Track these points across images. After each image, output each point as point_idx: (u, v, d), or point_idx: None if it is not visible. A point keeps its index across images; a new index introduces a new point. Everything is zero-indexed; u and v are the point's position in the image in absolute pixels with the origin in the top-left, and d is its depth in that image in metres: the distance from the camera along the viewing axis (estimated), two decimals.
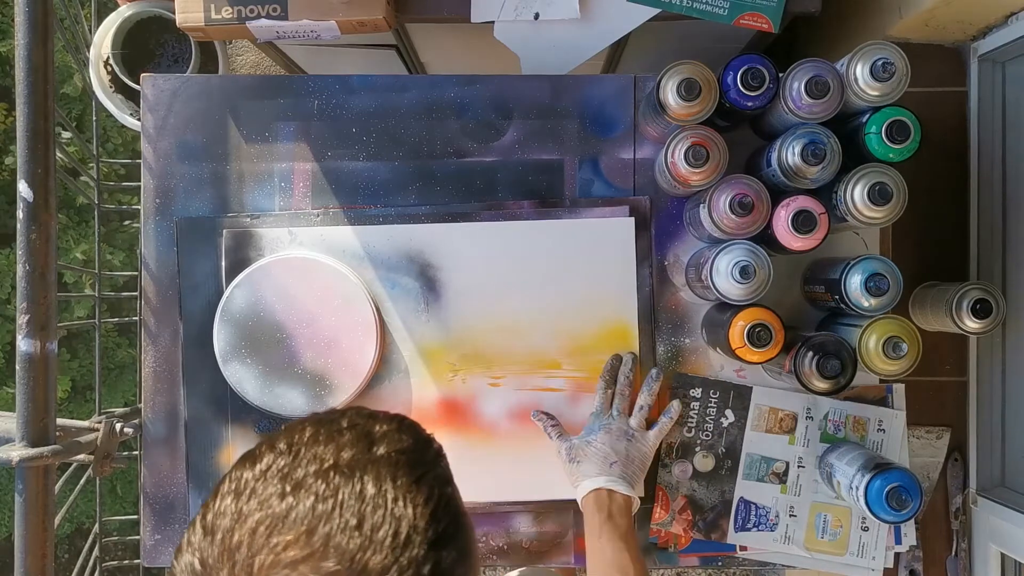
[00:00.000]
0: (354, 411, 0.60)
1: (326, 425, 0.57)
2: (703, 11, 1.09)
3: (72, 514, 2.14)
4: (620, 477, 0.98)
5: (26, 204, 0.83)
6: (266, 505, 0.50)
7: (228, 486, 0.53)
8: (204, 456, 1.09)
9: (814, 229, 0.92)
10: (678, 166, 0.95)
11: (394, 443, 0.56)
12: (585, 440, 1.02)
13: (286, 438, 0.56)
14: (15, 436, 0.84)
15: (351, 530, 0.49)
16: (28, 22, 0.82)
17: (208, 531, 0.50)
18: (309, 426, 0.57)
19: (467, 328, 1.08)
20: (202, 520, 0.51)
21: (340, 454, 0.54)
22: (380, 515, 0.50)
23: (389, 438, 0.56)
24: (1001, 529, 1.17)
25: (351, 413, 0.59)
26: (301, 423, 0.58)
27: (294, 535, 0.49)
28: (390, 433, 0.57)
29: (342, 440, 0.55)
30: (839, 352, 0.95)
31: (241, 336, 1.05)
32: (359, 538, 0.49)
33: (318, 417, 0.59)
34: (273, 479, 0.52)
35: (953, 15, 1.15)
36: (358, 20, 1.07)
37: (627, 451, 1.00)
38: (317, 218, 1.09)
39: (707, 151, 0.93)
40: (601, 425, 1.02)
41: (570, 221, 1.09)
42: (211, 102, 1.10)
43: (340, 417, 0.58)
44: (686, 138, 0.94)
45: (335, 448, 0.54)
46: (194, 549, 0.50)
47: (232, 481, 0.53)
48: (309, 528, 0.49)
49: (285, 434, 0.56)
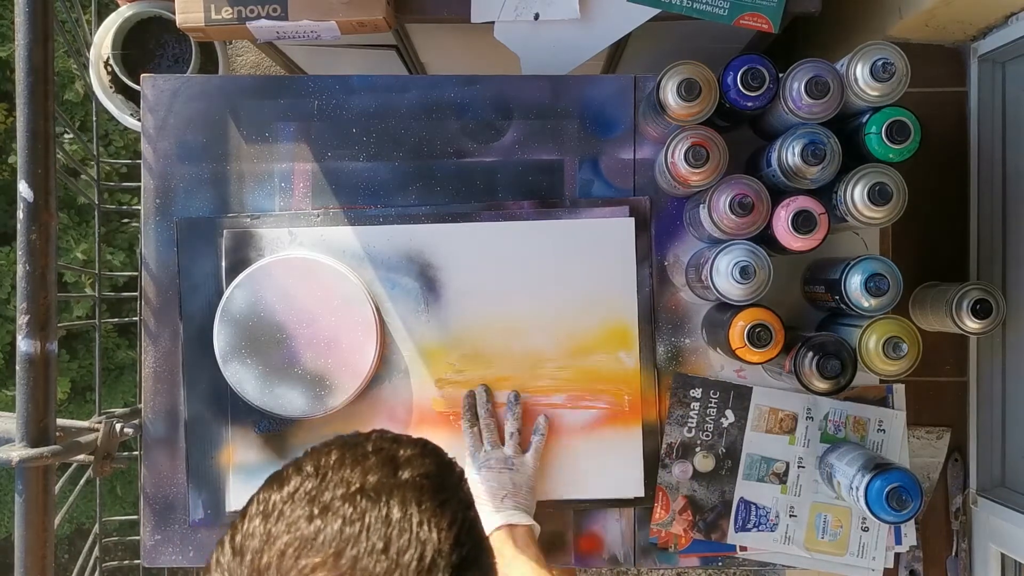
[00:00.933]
0: (378, 435, 0.60)
1: (351, 449, 0.58)
2: (703, 11, 1.09)
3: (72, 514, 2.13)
4: (515, 508, 0.99)
5: (26, 204, 0.83)
6: (294, 528, 0.51)
7: (256, 508, 0.53)
8: (204, 456, 1.09)
9: (814, 229, 0.92)
10: (678, 166, 0.95)
11: (418, 467, 0.56)
12: (474, 479, 1.02)
13: (312, 461, 0.56)
14: (15, 436, 0.84)
15: (378, 553, 0.50)
16: (28, 22, 0.82)
17: (237, 552, 0.51)
18: (335, 449, 0.58)
19: (467, 328, 1.08)
20: (231, 541, 0.52)
21: (366, 478, 0.54)
22: (406, 539, 0.51)
23: (413, 463, 0.57)
24: (1001, 529, 1.17)
25: (375, 437, 0.60)
26: (327, 446, 0.59)
27: (322, 557, 0.49)
28: (414, 458, 0.57)
29: (368, 464, 0.55)
30: (839, 352, 0.95)
31: (241, 336, 1.05)
32: (385, 561, 0.50)
33: (343, 440, 0.59)
34: (301, 502, 0.53)
35: (953, 15, 1.15)
36: (358, 20, 1.07)
37: (512, 481, 1.01)
38: (317, 218, 1.09)
39: (707, 151, 0.93)
40: (480, 464, 1.03)
41: (570, 221, 1.09)
42: (211, 102, 1.10)
43: (365, 441, 0.59)
44: (686, 138, 0.94)
45: (361, 472, 0.55)
46: (223, 570, 0.50)
47: (260, 503, 0.53)
48: (337, 551, 0.50)
49: (311, 457, 0.57)
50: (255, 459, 1.08)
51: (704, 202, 0.96)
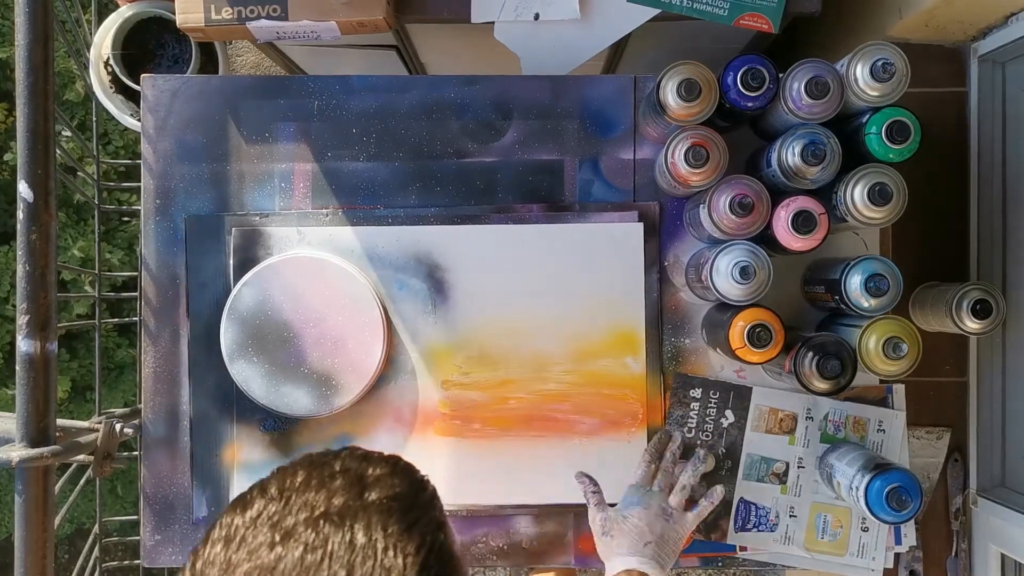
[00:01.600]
0: (347, 453, 0.59)
1: (318, 469, 0.56)
2: (703, 11, 1.09)
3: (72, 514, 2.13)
4: (652, 558, 0.93)
5: (26, 204, 0.83)
6: (255, 555, 0.50)
7: (219, 532, 0.53)
8: (209, 454, 1.09)
9: (814, 229, 0.92)
10: (678, 166, 0.95)
11: (387, 488, 0.55)
12: (622, 514, 0.97)
13: (277, 483, 0.55)
14: (15, 436, 0.84)
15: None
16: (28, 22, 0.82)
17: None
18: (301, 470, 0.56)
19: (474, 330, 1.08)
20: (191, 568, 0.51)
21: (331, 501, 0.53)
22: (370, 566, 0.50)
23: (382, 483, 0.56)
24: (1001, 529, 1.17)
25: (344, 455, 0.59)
26: (294, 467, 0.57)
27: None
28: (383, 477, 0.56)
29: (334, 485, 0.54)
30: (839, 352, 0.95)
31: (248, 334, 1.05)
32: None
33: (311, 459, 0.58)
34: (263, 527, 0.52)
35: (953, 15, 1.15)
36: (358, 21, 1.07)
37: (663, 532, 0.95)
38: (326, 218, 1.09)
39: (707, 151, 0.93)
40: (640, 500, 0.98)
41: (579, 225, 1.09)
42: (211, 103, 1.10)
43: (333, 460, 0.57)
44: (686, 138, 0.94)
45: (326, 494, 0.54)
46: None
47: (223, 527, 0.53)
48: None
49: (277, 478, 0.56)
50: (260, 457, 1.08)
51: (704, 202, 0.96)
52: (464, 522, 1.09)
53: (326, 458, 0.58)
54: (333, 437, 1.08)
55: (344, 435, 1.08)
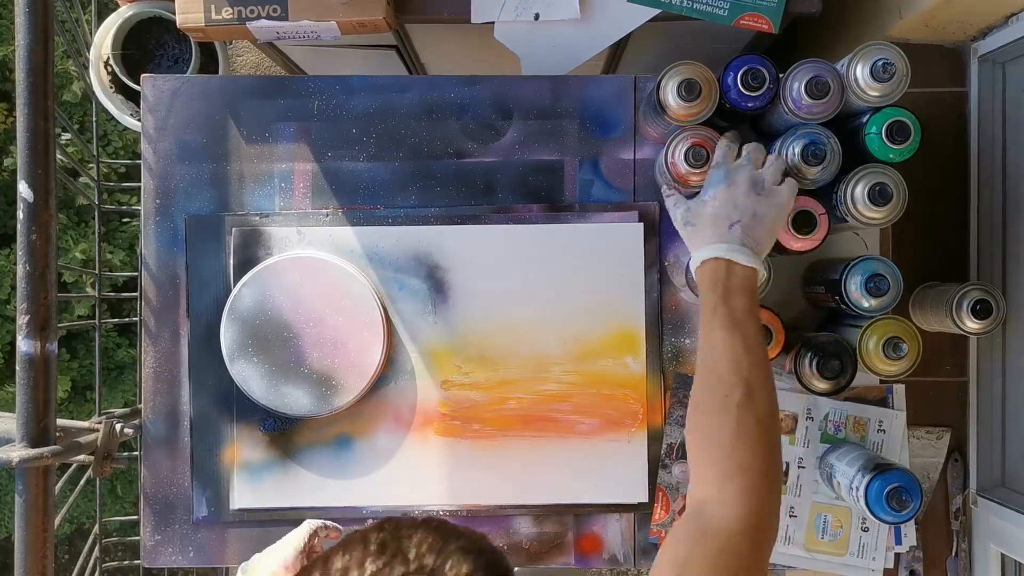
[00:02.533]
0: (424, 535, 0.52)
1: (391, 562, 0.50)
2: (703, 11, 1.09)
3: (72, 514, 2.13)
4: (741, 243, 0.81)
5: (26, 205, 0.83)
6: None
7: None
8: (209, 453, 1.09)
9: (814, 230, 0.92)
10: (678, 166, 0.95)
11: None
12: (701, 199, 0.85)
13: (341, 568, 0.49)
14: (15, 436, 0.84)
15: None
16: (28, 23, 0.82)
17: None
18: (371, 559, 0.50)
19: (474, 331, 1.08)
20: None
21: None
22: None
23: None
24: (1001, 529, 1.17)
25: (421, 537, 0.52)
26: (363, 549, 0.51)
27: None
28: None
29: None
30: (839, 353, 0.95)
31: (248, 334, 1.05)
32: None
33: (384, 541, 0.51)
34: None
35: (953, 15, 1.15)
36: (358, 21, 1.07)
37: (755, 208, 0.82)
38: (326, 218, 1.09)
39: (707, 151, 0.93)
40: (724, 176, 0.85)
41: (579, 225, 1.09)
42: (211, 103, 1.10)
43: (407, 544, 0.51)
44: (686, 138, 0.94)
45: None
46: None
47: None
48: None
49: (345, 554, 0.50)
50: (260, 457, 1.08)
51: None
52: (464, 522, 1.09)
53: (400, 539, 0.51)
54: (333, 437, 1.08)
55: (344, 435, 1.08)
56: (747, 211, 0.82)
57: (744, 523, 0.69)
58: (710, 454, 0.74)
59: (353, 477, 1.08)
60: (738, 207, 0.83)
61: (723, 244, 0.81)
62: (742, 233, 0.81)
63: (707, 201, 0.85)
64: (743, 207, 0.83)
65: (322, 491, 1.08)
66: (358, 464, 1.08)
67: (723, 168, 0.87)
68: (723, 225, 0.82)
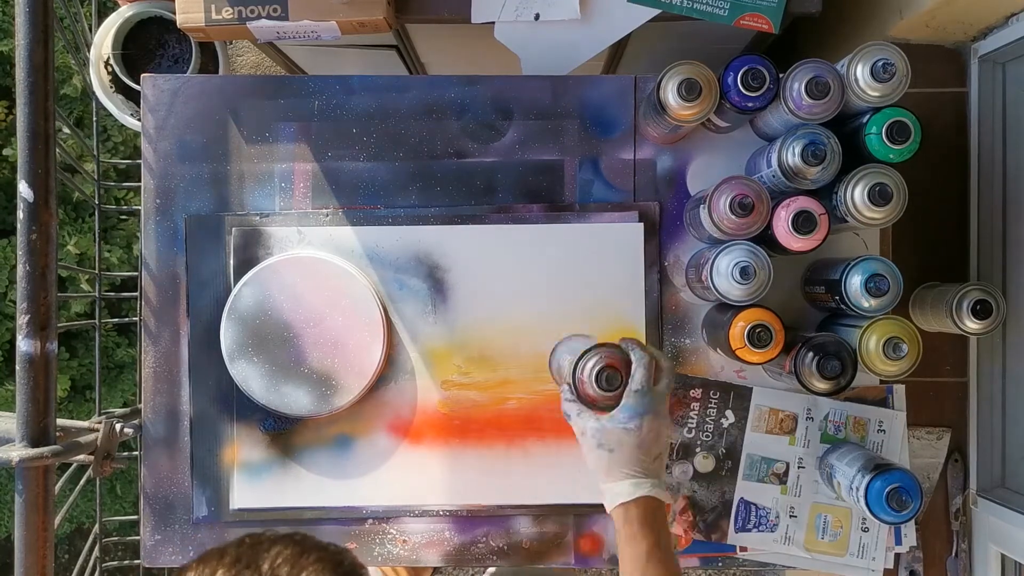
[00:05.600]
0: (282, 548, 0.52)
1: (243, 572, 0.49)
2: (703, 12, 1.08)
3: (72, 514, 2.13)
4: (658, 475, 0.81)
5: (27, 204, 0.83)
6: None
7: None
8: (209, 453, 1.09)
9: (814, 230, 0.92)
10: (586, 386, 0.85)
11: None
12: (624, 426, 0.80)
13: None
14: (15, 436, 0.84)
15: None
16: (29, 22, 0.82)
17: None
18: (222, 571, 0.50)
19: (474, 331, 1.08)
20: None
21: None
22: None
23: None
24: (1001, 530, 1.17)
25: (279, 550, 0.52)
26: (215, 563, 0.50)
27: None
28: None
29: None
30: (839, 353, 0.95)
31: (248, 334, 1.05)
32: None
33: (237, 555, 0.51)
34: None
35: (953, 16, 1.15)
36: (358, 21, 1.07)
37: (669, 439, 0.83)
38: (326, 218, 1.09)
39: (621, 376, 0.83)
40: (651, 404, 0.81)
41: (579, 225, 1.09)
42: (211, 102, 1.10)
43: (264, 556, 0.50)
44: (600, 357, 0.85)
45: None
46: None
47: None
48: None
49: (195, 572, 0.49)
50: (260, 457, 1.08)
51: (704, 203, 0.96)
52: (464, 522, 1.09)
53: (257, 553, 0.51)
54: (332, 437, 1.08)
55: (343, 435, 1.08)
56: (664, 444, 0.82)
57: None
58: None
59: (353, 477, 1.08)
60: (660, 440, 0.81)
61: (649, 480, 0.79)
62: (661, 466, 0.81)
63: (631, 430, 0.80)
64: (664, 439, 0.82)
65: (322, 491, 1.08)
66: (358, 464, 1.08)
67: (649, 396, 0.81)
68: (649, 458, 0.80)
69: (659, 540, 0.78)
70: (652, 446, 0.80)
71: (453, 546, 1.09)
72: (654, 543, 0.77)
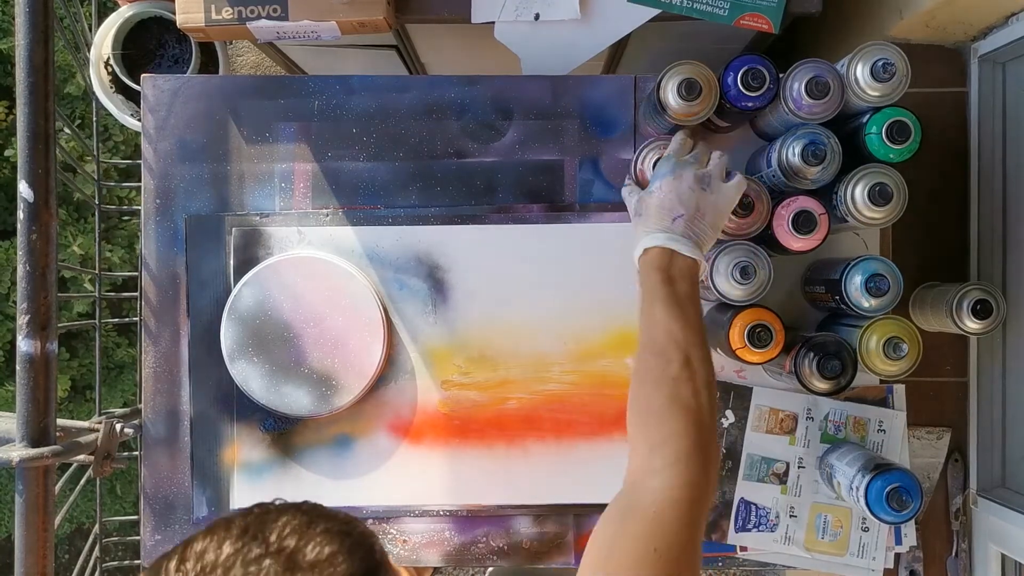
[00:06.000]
0: (291, 517, 0.51)
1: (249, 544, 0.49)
2: (703, 12, 1.08)
3: (72, 514, 2.13)
4: (683, 235, 0.83)
5: (27, 204, 0.83)
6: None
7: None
8: (209, 453, 1.09)
9: (814, 230, 0.92)
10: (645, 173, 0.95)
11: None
12: (648, 190, 0.87)
13: (198, 554, 0.48)
14: (15, 436, 0.84)
15: None
16: (29, 22, 0.82)
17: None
18: (231, 541, 0.49)
19: (474, 331, 1.08)
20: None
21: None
22: None
23: (318, 571, 0.48)
24: (1001, 530, 1.17)
25: (287, 519, 0.51)
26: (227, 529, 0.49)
27: None
28: (321, 564, 0.48)
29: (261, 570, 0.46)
30: (839, 352, 0.95)
31: (248, 334, 1.05)
32: None
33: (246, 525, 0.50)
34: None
35: (953, 16, 1.15)
36: (358, 21, 1.07)
37: (698, 203, 0.84)
38: (326, 218, 1.09)
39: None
40: (670, 170, 0.87)
41: (579, 225, 1.08)
42: (211, 103, 1.10)
43: (272, 527, 0.50)
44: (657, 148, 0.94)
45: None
46: None
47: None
48: None
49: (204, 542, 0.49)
50: (260, 457, 1.08)
51: None
52: (464, 522, 1.09)
53: (265, 523, 0.50)
54: (333, 437, 1.08)
55: (343, 435, 1.08)
56: (691, 205, 0.84)
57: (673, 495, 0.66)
58: (644, 426, 0.73)
59: (353, 477, 1.08)
60: (682, 201, 0.84)
61: (665, 234, 0.83)
62: (684, 226, 0.83)
63: (653, 192, 0.86)
64: (687, 201, 0.84)
65: (322, 491, 1.08)
66: (358, 464, 1.08)
67: (672, 161, 0.89)
68: (667, 216, 0.84)
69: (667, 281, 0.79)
70: (672, 206, 0.84)
71: (453, 546, 1.09)
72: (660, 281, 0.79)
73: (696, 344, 0.76)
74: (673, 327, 0.76)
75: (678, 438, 0.70)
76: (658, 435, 0.71)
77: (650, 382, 0.75)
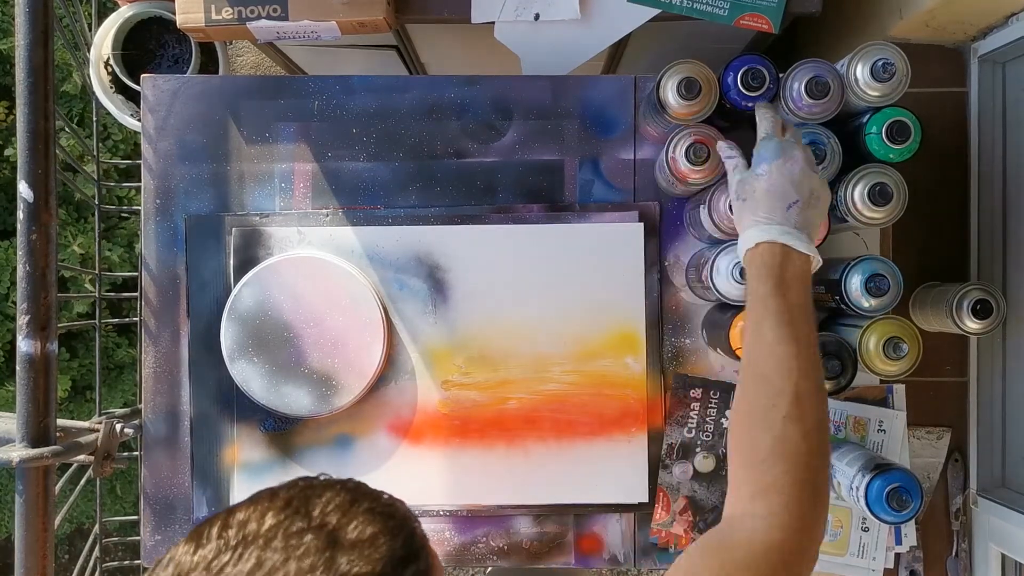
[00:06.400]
0: (334, 495, 0.50)
1: (291, 517, 0.48)
2: (703, 12, 1.08)
3: (72, 514, 2.13)
4: (798, 227, 0.73)
5: (27, 205, 0.83)
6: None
7: (165, 569, 0.46)
8: (209, 453, 1.09)
9: None
10: (678, 162, 0.94)
11: (363, 562, 0.46)
12: (755, 172, 0.76)
13: (240, 522, 0.47)
14: (15, 437, 0.84)
15: None
16: (29, 22, 0.82)
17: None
18: (272, 514, 0.48)
19: (474, 331, 1.08)
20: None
21: (290, 566, 0.45)
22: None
23: (359, 551, 0.47)
24: (1001, 529, 1.17)
25: (330, 497, 0.50)
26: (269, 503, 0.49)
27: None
28: (362, 544, 0.47)
29: (299, 547, 0.46)
30: (839, 352, 0.95)
31: (248, 334, 1.05)
32: None
33: (290, 498, 0.49)
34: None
35: (953, 16, 1.15)
36: (358, 21, 1.07)
37: (812, 188, 0.74)
38: (326, 218, 1.09)
39: (708, 149, 0.93)
40: (779, 149, 0.76)
41: (579, 225, 1.08)
42: (211, 103, 1.10)
43: (315, 503, 0.49)
44: (688, 135, 0.94)
45: (283, 556, 0.45)
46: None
47: (169, 564, 0.46)
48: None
49: (247, 512, 0.48)
50: (260, 457, 1.08)
51: (704, 202, 0.96)
52: (464, 522, 1.09)
53: (309, 498, 0.50)
54: (333, 437, 1.08)
55: (343, 435, 1.08)
56: (805, 190, 0.74)
57: (772, 544, 0.61)
58: (746, 468, 0.67)
59: (353, 477, 1.08)
60: (796, 185, 0.74)
61: (778, 226, 0.73)
62: (799, 215, 0.73)
63: (760, 175, 0.76)
64: (801, 185, 0.74)
65: None
66: (358, 464, 1.08)
67: (774, 141, 0.78)
68: (779, 204, 0.73)
69: (779, 288, 0.70)
70: (785, 192, 0.73)
71: (453, 546, 1.09)
72: (771, 290, 0.70)
73: (808, 375, 0.68)
74: (784, 353, 0.68)
75: (782, 489, 0.64)
76: (762, 481, 0.65)
77: (757, 419, 0.68)
